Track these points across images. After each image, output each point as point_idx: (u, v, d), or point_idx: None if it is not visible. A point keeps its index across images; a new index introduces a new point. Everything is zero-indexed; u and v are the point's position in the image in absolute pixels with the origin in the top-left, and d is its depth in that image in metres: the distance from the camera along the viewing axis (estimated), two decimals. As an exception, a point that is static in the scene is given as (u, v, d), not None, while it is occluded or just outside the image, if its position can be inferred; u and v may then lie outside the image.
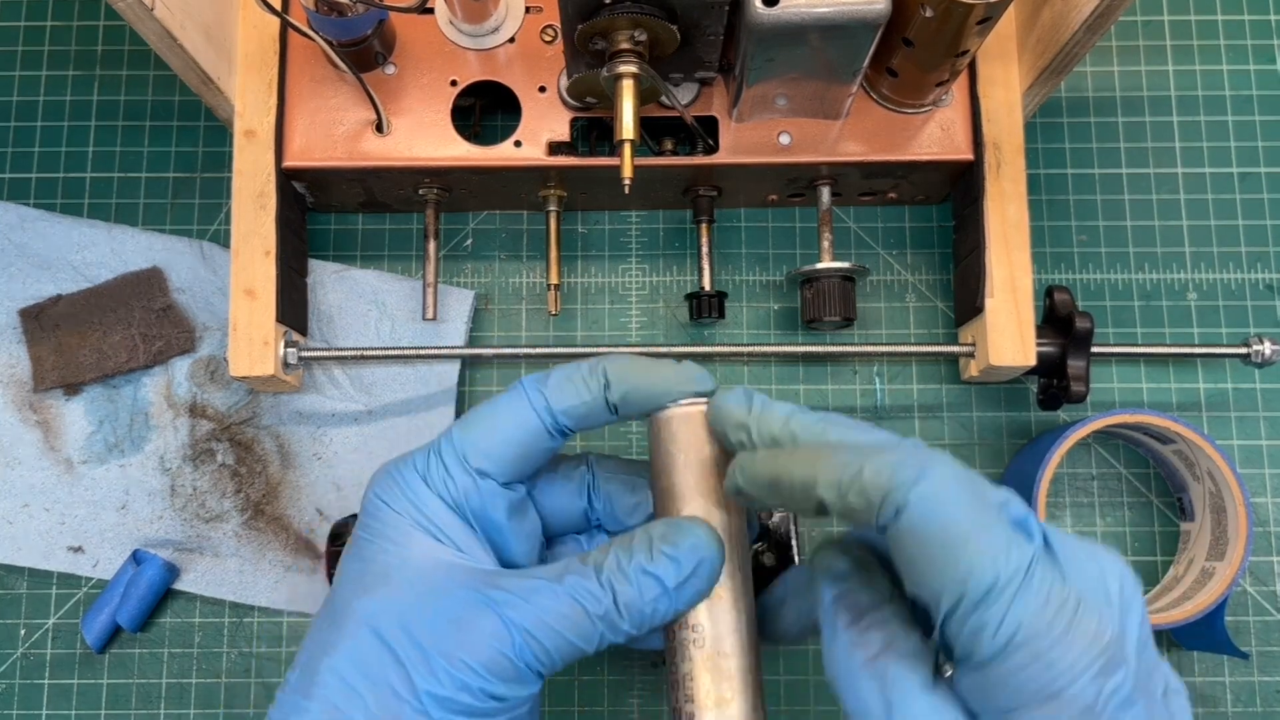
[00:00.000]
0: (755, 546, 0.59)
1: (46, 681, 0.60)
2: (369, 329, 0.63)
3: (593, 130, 0.63)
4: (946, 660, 0.34)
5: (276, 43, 0.58)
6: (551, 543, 0.46)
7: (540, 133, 0.58)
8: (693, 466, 0.40)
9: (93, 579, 0.61)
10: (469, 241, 0.65)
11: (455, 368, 0.62)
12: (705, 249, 0.62)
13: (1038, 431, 0.63)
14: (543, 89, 0.59)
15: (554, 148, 0.59)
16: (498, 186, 0.61)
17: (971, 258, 0.59)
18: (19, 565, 0.60)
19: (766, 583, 0.57)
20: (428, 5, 0.53)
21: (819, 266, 0.59)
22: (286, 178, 0.59)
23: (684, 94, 0.58)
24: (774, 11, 0.48)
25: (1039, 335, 0.58)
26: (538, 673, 0.38)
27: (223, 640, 0.61)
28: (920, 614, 0.36)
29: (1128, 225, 0.65)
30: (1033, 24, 0.57)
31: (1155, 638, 0.34)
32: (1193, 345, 0.62)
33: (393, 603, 0.38)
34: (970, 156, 0.58)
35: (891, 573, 0.37)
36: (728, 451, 0.40)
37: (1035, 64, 0.57)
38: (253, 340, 0.56)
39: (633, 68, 0.49)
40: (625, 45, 0.49)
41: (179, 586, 0.60)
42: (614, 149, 0.51)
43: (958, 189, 0.62)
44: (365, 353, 0.59)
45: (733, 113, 0.58)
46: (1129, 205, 0.65)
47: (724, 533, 0.40)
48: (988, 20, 0.49)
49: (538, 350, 0.59)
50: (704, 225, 0.62)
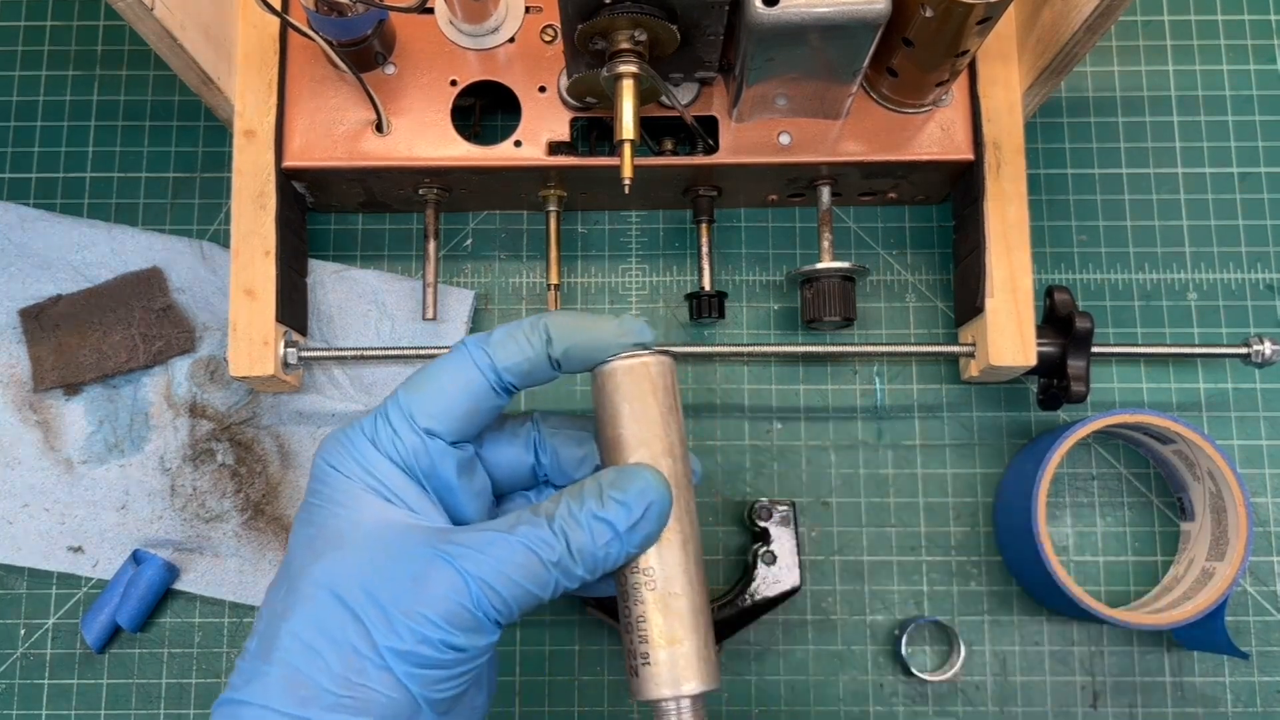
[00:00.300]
0: (755, 547, 0.59)
1: (46, 681, 0.60)
2: (369, 329, 0.63)
3: (593, 130, 0.63)
4: None
5: (276, 42, 0.58)
6: (500, 500, 0.46)
7: (540, 133, 0.58)
8: (638, 416, 0.41)
9: (92, 579, 0.61)
10: (469, 241, 0.65)
11: (455, 368, 0.62)
12: (705, 249, 0.62)
13: (1038, 431, 0.63)
14: (543, 89, 0.59)
15: (554, 148, 0.59)
16: (498, 186, 0.61)
17: (971, 258, 0.59)
18: (19, 565, 0.60)
19: (770, 592, 0.58)
20: (428, 5, 0.53)
21: (819, 266, 0.59)
22: (286, 178, 0.59)
23: (684, 94, 0.58)
24: (774, 11, 0.48)
25: (1039, 335, 0.58)
26: (496, 622, 0.39)
27: (223, 640, 0.61)
28: None
29: (1128, 225, 0.65)
30: (1033, 24, 0.57)
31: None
32: (1193, 345, 0.62)
33: (349, 565, 0.39)
34: (970, 156, 0.58)
35: None
36: (671, 401, 0.42)
37: (1035, 64, 0.57)
38: (253, 340, 0.56)
39: (633, 68, 0.49)
40: (625, 45, 0.49)
41: (179, 586, 0.60)
42: (614, 149, 0.51)
43: (958, 189, 0.62)
44: (365, 353, 0.59)
45: (733, 113, 0.58)
46: (1129, 205, 0.65)
47: (671, 478, 0.41)
48: (988, 20, 0.49)
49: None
50: (704, 225, 0.62)
